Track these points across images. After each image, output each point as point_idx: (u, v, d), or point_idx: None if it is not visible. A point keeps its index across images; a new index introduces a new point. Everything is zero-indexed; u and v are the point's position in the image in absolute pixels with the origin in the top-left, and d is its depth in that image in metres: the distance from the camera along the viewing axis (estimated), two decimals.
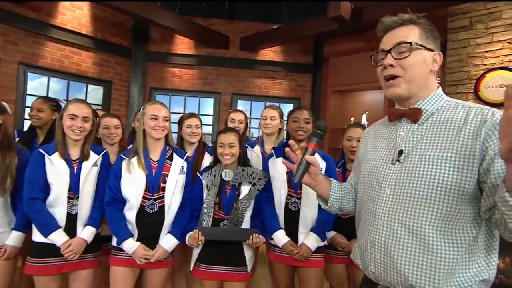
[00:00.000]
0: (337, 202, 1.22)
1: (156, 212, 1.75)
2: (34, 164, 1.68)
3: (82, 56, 4.32)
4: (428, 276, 0.90)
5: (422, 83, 0.99)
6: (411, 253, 0.92)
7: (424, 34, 0.99)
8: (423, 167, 0.93)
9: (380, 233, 0.99)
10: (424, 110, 0.99)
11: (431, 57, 0.99)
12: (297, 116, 1.95)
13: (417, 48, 0.97)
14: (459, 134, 0.90)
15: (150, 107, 1.81)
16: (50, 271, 1.66)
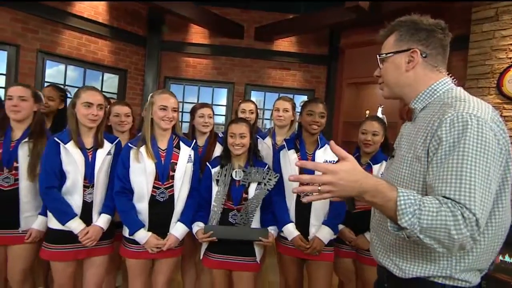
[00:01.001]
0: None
1: (166, 201, 1.77)
2: (50, 152, 1.71)
3: (99, 45, 4.37)
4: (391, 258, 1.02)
5: (401, 85, 1.05)
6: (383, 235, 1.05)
7: (400, 37, 1.04)
8: (396, 164, 1.03)
9: (373, 222, 1.14)
10: (414, 108, 1.04)
11: (406, 57, 1.02)
12: (313, 110, 1.92)
13: (386, 57, 1.07)
14: (418, 134, 0.96)
15: (159, 96, 1.81)
16: (67, 257, 1.71)
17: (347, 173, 0.83)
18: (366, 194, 0.84)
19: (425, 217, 0.79)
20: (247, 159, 1.95)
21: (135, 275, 1.81)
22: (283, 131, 2.39)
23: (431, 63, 1.01)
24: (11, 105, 1.77)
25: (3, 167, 1.76)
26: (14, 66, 3.70)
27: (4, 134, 1.80)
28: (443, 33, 1.01)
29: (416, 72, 1.02)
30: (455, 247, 0.81)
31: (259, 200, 1.86)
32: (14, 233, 1.80)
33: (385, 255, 1.03)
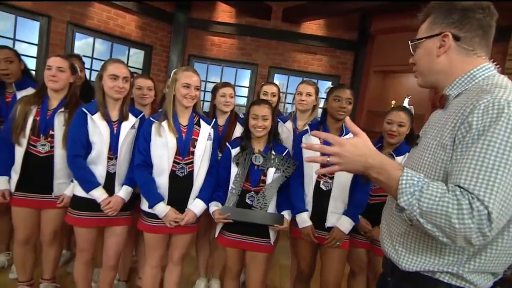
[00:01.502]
0: None
1: (185, 177, 1.80)
2: (78, 122, 1.76)
3: (126, 19, 4.40)
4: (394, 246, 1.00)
5: (434, 71, 0.98)
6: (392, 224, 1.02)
7: (434, 20, 0.98)
8: (419, 152, 0.98)
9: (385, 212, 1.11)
10: (448, 94, 0.97)
11: (437, 41, 0.95)
12: (340, 95, 1.87)
13: (418, 43, 1.01)
14: (448, 121, 0.89)
15: (183, 74, 1.80)
16: (89, 223, 1.79)
17: (354, 146, 0.86)
18: (372, 169, 0.86)
19: (426, 200, 0.78)
20: (267, 142, 1.94)
21: (153, 249, 1.87)
22: (304, 115, 2.36)
23: (466, 47, 0.93)
24: (50, 74, 1.82)
25: (40, 134, 1.84)
26: (45, 37, 3.80)
27: (42, 103, 1.87)
28: (483, 13, 0.91)
29: (449, 58, 0.94)
30: (457, 237, 0.76)
31: (276, 186, 1.86)
32: (47, 198, 1.90)
33: (391, 245, 1.00)
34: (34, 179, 1.86)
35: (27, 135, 1.82)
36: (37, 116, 1.84)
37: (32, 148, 1.83)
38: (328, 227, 1.85)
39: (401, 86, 4.14)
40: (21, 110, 1.82)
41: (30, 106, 1.83)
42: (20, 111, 1.82)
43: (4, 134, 1.87)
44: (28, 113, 1.82)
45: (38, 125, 1.83)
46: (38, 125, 1.83)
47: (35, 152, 1.84)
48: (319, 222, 1.86)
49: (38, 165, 1.85)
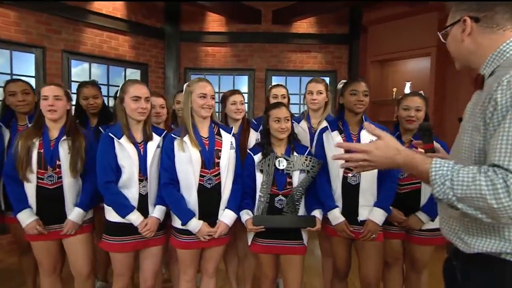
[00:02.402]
0: None
1: (213, 189, 1.79)
2: (105, 147, 1.74)
3: (119, 40, 4.39)
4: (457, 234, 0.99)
5: (464, 54, 1.01)
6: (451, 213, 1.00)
7: (454, 8, 1.02)
8: (459, 135, 1.00)
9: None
10: (484, 74, 0.96)
11: (459, 27, 0.99)
12: (356, 89, 1.88)
13: (445, 31, 1.05)
14: (479, 101, 0.90)
15: (197, 85, 1.81)
16: (126, 247, 1.77)
17: (380, 150, 0.93)
18: (402, 167, 0.95)
19: (459, 187, 0.81)
20: (288, 144, 1.94)
21: (187, 264, 1.85)
22: (317, 113, 2.36)
23: (489, 25, 0.94)
24: (48, 104, 1.78)
25: (47, 166, 1.81)
26: (41, 68, 3.77)
27: (42, 134, 1.83)
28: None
29: (474, 39, 0.97)
30: (500, 217, 0.77)
31: (304, 188, 1.86)
32: (62, 228, 1.86)
33: (450, 230, 1.01)
34: (48, 211, 1.83)
35: (34, 169, 1.78)
36: (40, 149, 1.80)
37: (40, 182, 1.80)
38: (361, 221, 1.85)
39: (400, 73, 4.17)
40: (23, 145, 1.77)
41: (31, 140, 1.79)
42: (21, 146, 1.77)
43: (9, 172, 1.81)
44: (31, 147, 1.78)
45: (43, 157, 1.80)
46: (44, 157, 1.80)
47: (45, 185, 1.81)
48: (351, 217, 1.86)
49: (49, 197, 1.82)
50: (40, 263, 1.91)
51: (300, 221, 1.84)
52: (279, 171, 1.86)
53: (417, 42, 3.70)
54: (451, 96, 3.74)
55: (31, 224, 1.78)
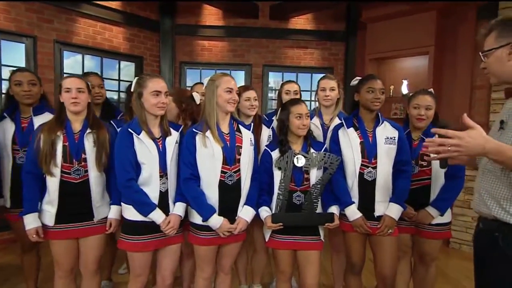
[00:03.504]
0: None
1: (234, 185, 1.77)
2: (124, 144, 1.68)
3: (113, 32, 4.25)
4: (504, 208, 1.16)
5: (508, 73, 1.21)
6: (489, 189, 1.21)
7: (499, 34, 1.21)
8: (510, 133, 1.16)
9: (478, 179, 1.29)
10: None
11: (507, 50, 1.19)
12: (373, 87, 1.89)
13: (489, 53, 1.23)
14: None
15: (223, 79, 1.78)
16: (147, 246, 1.72)
17: (472, 138, 1.06)
18: (489, 154, 1.07)
19: None
20: (304, 141, 1.94)
21: (205, 261, 1.83)
22: (330, 110, 2.37)
23: None
24: (71, 97, 1.73)
25: (72, 159, 1.74)
26: (32, 58, 3.61)
27: (65, 127, 1.77)
28: None
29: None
30: None
31: (323, 185, 1.86)
32: (89, 225, 1.81)
33: (499, 207, 1.18)
34: (73, 207, 1.77)
35: (58, 163, 1.72)
36: (65, 142, 1.74)
37: (65, 176, 1.74)
38: (377, 216, 1.88)
39: (397, 71, 4.24)
40: (46, 138, 1.71)
41: (55, 133, 1.73)
42: (44, 140, 1.71)
43: (29, 167, 1.75)
44: (55, 141, 1.72)
45: (69, 150, 1.74)
46: (69, 150, 1.74)
47: (70, 180, 1.75)
48: (367, 213, 1.88)
49: (75, 192, 1.76)
50: (58, 263, 1.83)
51: (319, 218, 1.86)
52: (296, 168, 1.86)
53: (415, 40, 3.78)
54: (447, 94, 3.85)
55: (33, 229, 1.73)
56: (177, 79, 4.85)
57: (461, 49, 3.78)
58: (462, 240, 3.61)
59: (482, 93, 3.68)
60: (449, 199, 2.03)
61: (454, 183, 2.02)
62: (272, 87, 5.11)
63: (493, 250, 1.20)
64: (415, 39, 3.77)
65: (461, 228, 3.61)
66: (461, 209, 3.59)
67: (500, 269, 1.18)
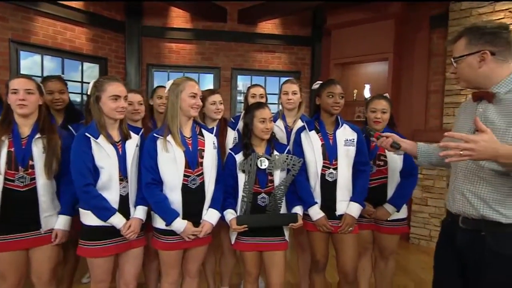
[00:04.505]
0: (424, 158, 1.61)
1: (197, 189, 1.78)
2: (81, 149, 1.63)
3: (76, 32, 4.10)
4: (494, 208, 1.24)
5: (479, 78, 1.29)
6: (479, 193, 1.27)
7: (470, 41, 1.28)
8: (496, 137, 1.17)
9: (459, 181, 1.35)
10: (496, 92, 1.26)
11: (477, 57, 1.26)
12: (333, 91, 1.97)
13: (460, 60, 1.31)
14: None
15: (187, 84, 1.78)
16: (109, 251, 1.68)
17: (487, 142, 1.09)
18: (500, 158, 1.10)
19: None
20: (268, 143, 1.98)
21: (170, 266, 1.82)
22: (292, 113, 2.44)
23: (501, 58, 1.25)
24: (18, 99, 1.64)
25: (18, 166, 1.66)
26: None
27: (12, 131, 1.67)
28: (507, 32, 1.24)
29: (489, 67, 1.26)
30: None
31: (286, 186, 1.91)
32: (36, 235, 1.73)
33: (487, 208, 1.25)
34: (18, 217, 1.68)
35: (2, 170, 1.62)
36: (10, 148, 1.65)
37: (9, 184, 1.64)
38: (339, 215, 1.96)
39: (360, 76, 4.44)
40: None
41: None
42: None
43: None
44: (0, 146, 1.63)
45: (14, 157, 1.65)
46: (14, 156, 1.65)
47: (15, 188, 1.65)
48: (329, 212, 1.96)
49: (20, 201, 1.67)
50: (2, 276, 1.72)
51: (283, 219, 1.90)
52: (260, 170, 1.90)
53: (376, 47, 3.97)
54: (405, 98, 4.09)
55: None
56: (144, 81, 4.77)
57: (417, 56, 4.03)
58: (421, 235, 3.83)
59: (436, 97, 3.94)
60: (404, 196, 2.16)
61: (409, 181, 2.16)
62: (241, 90, 5.15)
63: (479, 248, 1.26)
64: (375, 45, 3.97)
65: (419, 224, 3.83)
66: (419, 206, 3.81)
67: (490, 265, 1.23)
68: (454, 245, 1.37)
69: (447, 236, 1.43)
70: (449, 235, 1.40)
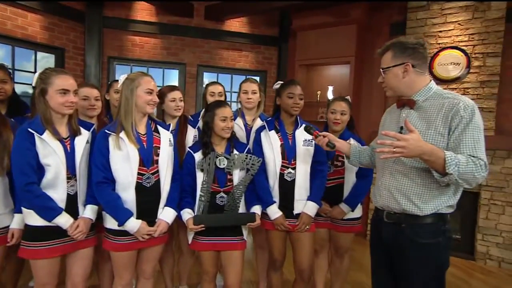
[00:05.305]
0: (355, 158, 1.80)
1: (152, 187, 1.73)
2: (23, 145, 1.52)
3: (28, 19, 3.83)
4: (414, 202, 1.41)
5: (402, 87, 1.46)
6: (403, 189, 1.43)
7: (395, 54, 1.44)
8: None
9: (386, 179, 1.51)
10: (416, 100, 1.45)
11: (401, 68, 1.43)
12: (293, 92, 2.00)
13: (387, 70, 1.47)
14: (437, 116, 1.37)
15: (143, 79, 1.71)
16: (53, 253, 1.59)
17: (415, 140, 1.24)
18: (425, 155, 1.25)
19: (462, 167, 1.24)
20: (228, 142, 1.98)
21: (123, 267, 1.75)
22: (252, 111, 2.45)
23: (419, 70, 1.44)
24: None
25: None
26: None
27: None
28: (424, 48, 1.43)
29: (410, 78, 1.44)
30: (473, 183, 1.28)
31: (245, 185, 1.91)
32: None
33: (408, 202, 1.42)
34: None
35: None
36: None
37: None
38: (296, 214, 1.99)
39: (324, 78, 4.55)
40: None
41: None
42: None
43: None
44: None
45: None
46: None
47: None
48: (287, 211, 1.99)
49: None
50: None
51: (241, 218, 1.90)
52: (219, 169, 1.89)
53: (339, 50, 4.09)
54: (365, 101, 4.26)
55: None
56: (105, 75, 4.56)
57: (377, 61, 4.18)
58: None
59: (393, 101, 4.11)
60: (358, 196, 2.24)
61: (364, 182, 2.24)
62: None
63: (400, 238, 1.43)
64: (338, 49, 4.09)
65: None
66: None
67: (410, 253, 1.41)
68: (381, 238, 1.54)
69: (375, 231, 1.61)
70: (377, 230, 1.58)
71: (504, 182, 3.42)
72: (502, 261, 3.44)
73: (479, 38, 3.53)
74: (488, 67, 3.50)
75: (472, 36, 3.57)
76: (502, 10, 3.41)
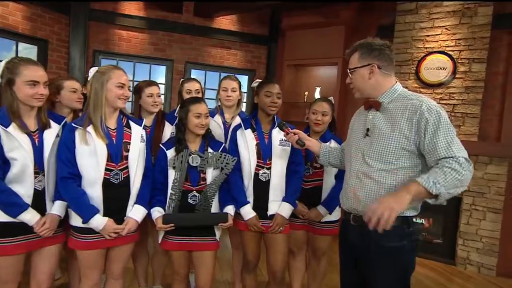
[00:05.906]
0: (325, 157, 1.81)
1: (121, 184, 1.67)
2: None
3: (9, 8, 3.72)
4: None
5: (369, 88, 1.45)
6: (369, 192, 1.42)
7: (362, 55, 1.43)
8: (379, 139, 1.40)
9: (352, 181, 1.49)
10: (382, 101, 1.44)
11: (367, 69, 1.43)
12: (270, 91, 1.96)
13: (354, 70, 1.47)
14: (401, 118, 1.36)
15: (114, 73, 1.66)
16: (19, 249, 1.54)
17: (385, 200, 1.22)
18: (408, 195, 1.22)
19: (442, 181, 1.22)
20: (202, 139, 1.93)
21: (90, 267, 1.69)
22: (231, 109, 2.41)
23: (385, 72, 1.43)
24: None
25: None
26: None
27: None
28: (390, 50, 1.42)
29: (376, 79, 1.43)
30: (465, 184, 1.25)
31: (218, 185, 1.87)
32: None
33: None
34: None
35: None
36: None
37: None
38: (271, 215, 1.96)
39: (312, 78, 4.52)
40: None
41: None
42: None
43: None
44: None
45: None
46: None
47: None
48: (261, 212, 1.95)
49: None
50: None
51: (212, 218, 1.85)
52: (192, 167, 1.84)
53: (327, 51, 4.07)
54: (352, 102, 4.23)
55: None
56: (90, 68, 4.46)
57: None
58: None
59: None
60: (336, 199, 2.18)
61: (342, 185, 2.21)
62: None
63: (366, 241, 1.43)
64: (326, 50, 4.07)
65: None
66: None
67: (375, 256, 1.41)
68: (348, 241, 1.54)
69: (343, 233, 1.62)
70: (344, 232, 1.58)
71: (486, 187, 3.44)
72: (481, 266, 3.45)
73: (465, 43, 3.54)
74: (474, 72, 3.51)
75: (459, 42, 3.57)
76: (488, 17, 3.42)
